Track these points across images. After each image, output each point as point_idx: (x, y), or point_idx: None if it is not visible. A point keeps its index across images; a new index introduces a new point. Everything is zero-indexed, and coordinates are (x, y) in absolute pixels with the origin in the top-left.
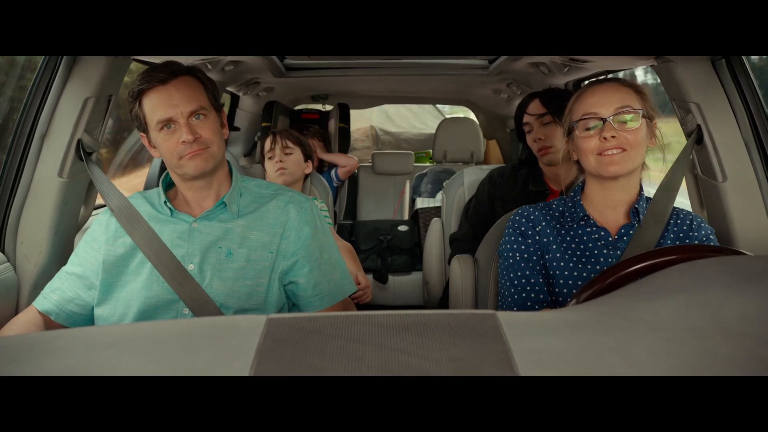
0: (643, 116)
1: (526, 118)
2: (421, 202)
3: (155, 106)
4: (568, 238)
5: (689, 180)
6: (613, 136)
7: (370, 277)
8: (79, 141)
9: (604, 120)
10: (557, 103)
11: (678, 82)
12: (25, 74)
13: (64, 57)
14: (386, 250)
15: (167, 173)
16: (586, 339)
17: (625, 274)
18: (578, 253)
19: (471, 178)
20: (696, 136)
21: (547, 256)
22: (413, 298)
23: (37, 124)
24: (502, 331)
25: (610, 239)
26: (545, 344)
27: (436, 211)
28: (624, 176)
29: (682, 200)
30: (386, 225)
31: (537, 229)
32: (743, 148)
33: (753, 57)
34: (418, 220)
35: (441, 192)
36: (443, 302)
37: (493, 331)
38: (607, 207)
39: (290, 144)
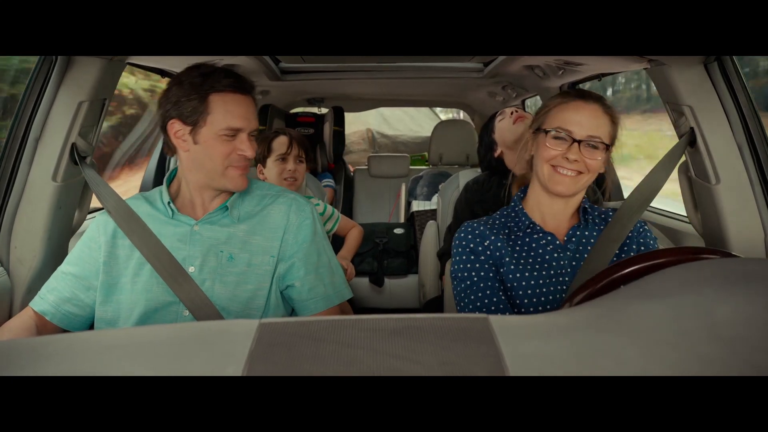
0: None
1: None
2: (417, 205)
3: (233, 112)
4: (518, 248)
5: (683, 182)
6: (575, 159)
7: (366, 279)
8: (73, 145)
9: (574, 140)
10: None
11: (671, 85)
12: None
13: (58, 61)
14: (382, 252)
15: (172, 172)
16: (577, 342)
17: (617, 277)
18: (530, 260)
19: (467, 180)
20: (688, 139)
21: (501, 270)
22: (409, 300)
23: (30, 127)
24: (493, 334)
25: (558, 242)
26: (537, 348)
27: (432, 214)
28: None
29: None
30: (382, 228)
31: (486, 244)
32: (736, 150)
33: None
34: (414, 222)
35: (437, 195)
36: (439, 305)
37: (485, 334)
38: (551, 213)
39: (304, 154)
